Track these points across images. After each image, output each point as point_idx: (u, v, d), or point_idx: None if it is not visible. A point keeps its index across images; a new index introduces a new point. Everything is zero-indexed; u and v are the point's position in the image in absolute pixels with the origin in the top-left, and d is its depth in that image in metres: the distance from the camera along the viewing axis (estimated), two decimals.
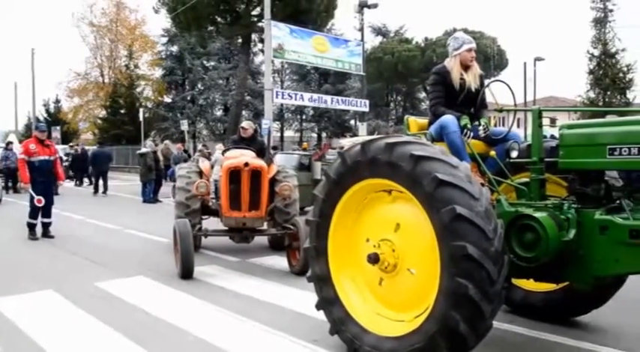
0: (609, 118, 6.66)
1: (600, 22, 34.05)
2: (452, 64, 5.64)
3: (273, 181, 9.16)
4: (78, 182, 27.96)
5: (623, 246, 4.11)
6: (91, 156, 24.19)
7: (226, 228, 8.92)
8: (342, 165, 4.68)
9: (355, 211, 4.87)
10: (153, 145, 20.92)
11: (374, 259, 4.50)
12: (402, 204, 4.51)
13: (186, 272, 7.74)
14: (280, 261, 8.96)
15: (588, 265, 4.34)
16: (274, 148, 21.75)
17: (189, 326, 5.72)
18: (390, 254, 4.50)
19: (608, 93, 32.18)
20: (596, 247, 4.27)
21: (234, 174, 8.49)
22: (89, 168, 25.05)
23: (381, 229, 4.65)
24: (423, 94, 52.55)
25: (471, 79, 5.64)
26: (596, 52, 33.93)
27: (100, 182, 22.38)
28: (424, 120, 5.93)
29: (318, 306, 5.05)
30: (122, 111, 45.41)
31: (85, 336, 5.44)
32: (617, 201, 4.49)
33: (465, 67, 5.66)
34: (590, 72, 33.81)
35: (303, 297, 6.71)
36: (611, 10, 33.98)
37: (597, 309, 5.63)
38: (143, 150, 20.34)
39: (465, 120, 5.33)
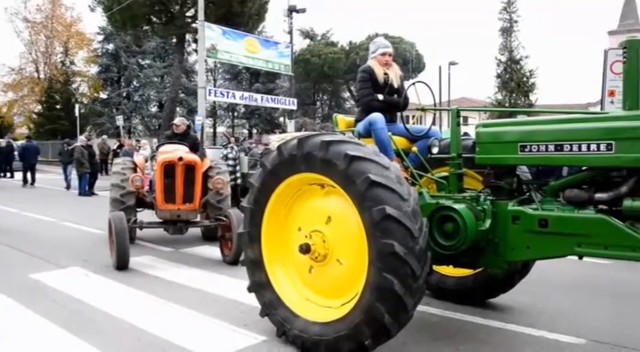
0: (520, 118, 6.85)
1: (507, 32, 35.26)
2: (374, 63, 5.74)
3: (207, 175, 8.98)
4: (2, 174, 26.78)
5: (533, 234, 4.20)
6: (19, 150, 23.38)
7: (161, 220, 8.68)
8: (279, 157, 4.59)
9: (289, 201, 4.81)
10: (85, 140, 20.15)
11: (305, 249, 4.46)
12: (334, 198, 4.47)
13: (122, 264, 7.47)
14: (213, 251, 8.77)
15: (502, 252, 4.41)
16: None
17: (125, 315, 5.49)
18: (321, 245, 4.47)
19: (514, 95, 33.35)
20: (509, 235, 4.34)
21: (168, 168, 8.29)
22: (13, 161, 24.18)
23: (313, 220, 4.61)
24: (347, 94, 53.06)
25: (393, 76, 5.74)
26: (504, 58, 35.13)
27: (29, 175, 22.03)
28: (351, 118, 5.92)
29: (250, 289, 4.97)
30: (58, 106, 43.54)
31: (22, 328, 5.11)
32: (528, 193, 4.59)
33: (384, 66, 5.76)
34: (498, 76, 34.98)
35: (235, 285, 6.61)
36: (516, 21, 35.30)
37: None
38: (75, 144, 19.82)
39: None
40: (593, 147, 3.92)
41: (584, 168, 4.27)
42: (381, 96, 5.57)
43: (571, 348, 4.73)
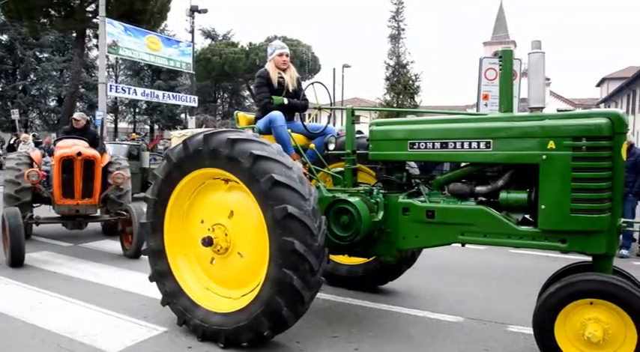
0: (409, 118, 7.03)
1: (395, 38, 36.28)
2: (270, 66, 5.66)
3: (107, 170, 8.51)
4: None
5: (422, 224, 4.31)
6: None
7: (59, 216, 8.10)
8: (184, 151, 4.41)
9: (192, 194, 4.66)
10: None
11: (208, 242, 4.35)
12: (238, 193, 4.37)
13: (16, 261, 6.91)
14: (114, 245, 8.37)
15: (394, 241, 4.50)
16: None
17: (18, 313, 5.08)
18: (223, 238, 4.39)
19: (401, 96, 34.35)
20: (400, 225, 4.43)
21: (66, 163, 7.77)
22: None
23: (216, 214, 4.50)
24: (247, 92, 52.43)
25: (288, 79, 5.68)
26: (392, 63, 36.09)
27: None
28: (252, 115, 5.81)
29: (152, 278, 4.79)
30: None
31: None
32: (416, 187, 4.69)
33: (282, 70, 5.70)
34: (387, 79, 35.91)
35: (135, 278, 6.36)
36: (403, 29, 36.40)
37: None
38: None
39: (277, 98, 5.41)
40: (474, 145, 4.07)
41: (463, 164, 4.44)
42: (286, 100, 5.51)
43: (450, 326, 4.95)
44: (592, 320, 3.53)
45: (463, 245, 4.31)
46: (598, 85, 58.64)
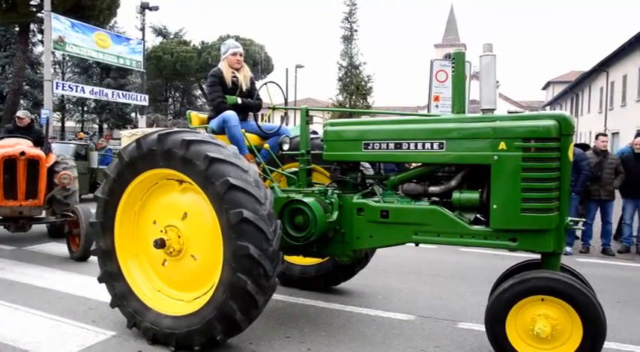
0: (364, 118, 7.07)
1: (348, 39, 36.36)
2: (224, 66, 5.57)
3: (53, 170, 8.17)
4: None
5: (376, 224, 4.33)
6: None
7: (1, 218, 7.74)
8: (137, 151, 4.28)
9: (145, 194, 4.54)
10: None
11: (160, 244, 4.24)
12: (192, 194, 4.28)
13: None
14: (60, 248, 8.09)
15: (348, 241, 4.50)
16: (53, 138, 19.64)
17: None
18: (176, 240, 4.28)
19: (354, 97, 34.51)
20: (355, 226, 4.44)
21: (8, 164, 7.45)
22: None
23: (168, 215, 4.39)
24: (199, 92, 51.68)
25: (242, 79, 5.61)
26: (345, 64, 36.17)
27: None
28: (204, 115, 5.70)
29: (101, 279, 4.63)
30: None
31: None
32: (370, 187, 4.71)
33: (236, 69, 5.62)
34: (340, 79, 35.95)
35: (82, 281, 6.17)
36: (356, 30, 36.53)
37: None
38: None
39: (231, 98, 5.33)
40: (427, 145, 4.11)
41: (414, 164, 4.48)
42: (240, 100, 5.44)
43: (401, 324, 5.00)
44: (542, 316, 3.62)
45: (417, 244, 4.34)
46: (544, 88, 60.73)
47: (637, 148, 9.02)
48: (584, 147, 9.55)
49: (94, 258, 4.70)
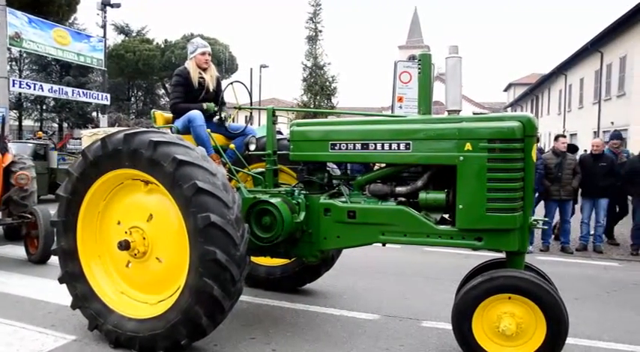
0: (330, 119, 7.05)
1: (312, 40, 36.31)
2: (190, 65, 5.47)
3: (9, 171, 7.88)
4: None
5: (343, 225, 4.32)
6: None
7: None
8: (102, 150, 4.17)
9: (109, 194, 4.42)
10: None
11: (124, 246, 4.15)
12: (158, 196, 4.19)
13: None
14: (17, 251, 7.84)
15: (315, 241, 4.48)
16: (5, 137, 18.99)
17: None
18: (141, 242, 4.19)
19: (318, 97, 34.54)
20: (322, 226, 4.42)
21: None
22: None
23: (133, 216, 4.29)
24: (162, 91, 50.86)
25: (209, 79, 5.52)
26: (309, 64, 36.15)
27: None
28: (169, 115, 5.58)
29: (62, 280, 4.50)
30: None
31: None
32: (337, 188, 4.69)
33: (203, 69, 5.52)
34: (304, 80, 35.93)
35: (41, 285, 5.99)
36: (320, 31, 36.54)
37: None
38: None
39: (210, 106, 5.22)
40: (394, 146, 4.12)
41: (377, 165, 4.49)
42: (216, 108, 5.35)
43: (366, 323, 5.02)
44: (507, 314, 3.68)
45: (384, 245, 4.35)
46: (505, 90, 62.00)
47: (594, 149, 9.27)
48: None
49: (53, 261, 4.57)
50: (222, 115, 5.37)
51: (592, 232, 9.40)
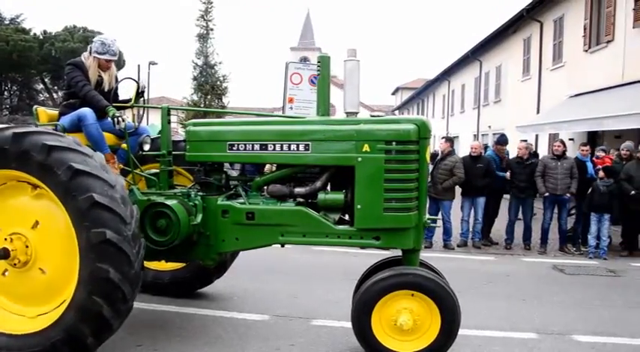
0: (228, 119, 6.90)
1: (203, 38, 35.41)
2: (90, 62, 5.11)
3: None
4: None
5: (241, 226, 4.24)
6: None
7: None
8: None
9: None
10: None
11: (3, 255, 3.75)
12: (46, 202, 3.81)
13: None
14: None
15: (213, 244, 4.36)
16: None
17: None
18: (23, 250, 3.81)
19: (209, 97, 33.79)
20: (220, 228, 4.31)
21: None
22: None
23: (16, 221, 3.88)
24: (41, 86, 47.35)
25: (107, 79, 5.22)
26: (200, 62, 35.30)
27: None
28: (54, 112, 5.20)
29: None
30: None
31: None
32: (235, 189, 4.60)
33: (103, 69, 5.20)
34: (195, 78, 35.05)
35: None
36: (212, 29, 35.79)
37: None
38: None
39: (113, 111, 4.83)
40: (293, 147, 4.12)
41: (268, 167, 4.47)
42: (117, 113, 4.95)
43: (257, 324, 5.03)
44: (407, 309, 3.82)
45: (283, 246, 4.34)
46: (393, 93, 64.51)
47: (473, 151, 9.87)
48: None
49: None
50: (117, 114, 5.04)
51: (471, 229, 9.98)
